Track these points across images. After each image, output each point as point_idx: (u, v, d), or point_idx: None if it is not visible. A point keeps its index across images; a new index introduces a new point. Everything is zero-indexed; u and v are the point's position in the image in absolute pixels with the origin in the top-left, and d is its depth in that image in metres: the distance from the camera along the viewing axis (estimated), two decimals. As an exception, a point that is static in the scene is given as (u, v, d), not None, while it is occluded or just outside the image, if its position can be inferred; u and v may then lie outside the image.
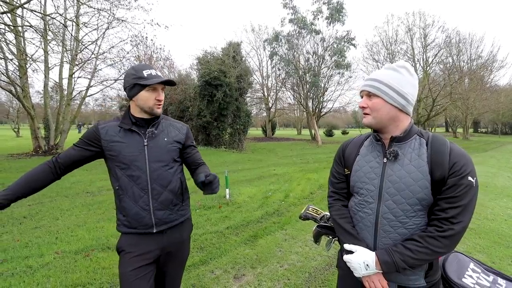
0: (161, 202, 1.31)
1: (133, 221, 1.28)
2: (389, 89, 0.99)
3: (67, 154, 1.29)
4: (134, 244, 1.29)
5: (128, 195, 1.27)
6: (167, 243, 1.35)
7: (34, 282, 2.37)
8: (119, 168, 1.28)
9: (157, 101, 1.29)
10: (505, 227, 3.97)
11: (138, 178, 1.27)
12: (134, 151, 1.28)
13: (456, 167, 0.90)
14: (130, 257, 1.27)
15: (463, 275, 1.09)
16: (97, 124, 1.33)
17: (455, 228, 0.89)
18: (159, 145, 1.33)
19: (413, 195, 0.95)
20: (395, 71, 1.02)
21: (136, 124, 1.31)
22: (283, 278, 2.54)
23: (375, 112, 1.02)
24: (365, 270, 1.00)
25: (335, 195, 1.22)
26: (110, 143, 1.28)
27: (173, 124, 1.44)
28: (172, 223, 1.36)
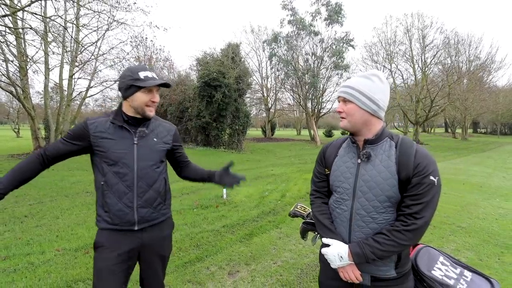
0: (145, 200, 1.34)
1: (115, 218, 1.29)
2: (361, 96, 1.09)
3: (55, 147, 1.32)
4: (113, 241, 1.30)
5: (113, 191, 1.29)
6: (147, 241, 1.37)
7: (36, 277, 2.46)
8: (106, 164, 1.30)
9: (151, 102, 1.32)
10: (495, 226, 4.07)
11: (124, 175, 1.29)
12: (123, 148, 1.31)
13: (419, 167, 1.00)
14: (107, 253, 1.29)
15: (432, 267, 1.18)
16: (86, 119, 1.34)
17: (418, 222, 0.98)
18: (148, 145, 1.36)
19: (382, 192, 1.05)
20: (367, 79, 1.12)
21: (128, 122, 1.34)
22: (276, 274, 2.63)
23: (350, 116, 1.11)
24: (340, 261, 1.09)
25: (316, 193, 1.31)
26: (99, 139, 1.30)
27: (162, 125, 1.47)
28: (154, 221, 1.39)
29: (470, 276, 1.14)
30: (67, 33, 10.60)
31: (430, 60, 24.17)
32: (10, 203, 4.63)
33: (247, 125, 15.80)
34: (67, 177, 6.82)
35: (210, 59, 14.93)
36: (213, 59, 14.84)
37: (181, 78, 17.28)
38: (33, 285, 2.34)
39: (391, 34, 25.96)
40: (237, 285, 2.46)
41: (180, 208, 4.49)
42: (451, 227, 3.93)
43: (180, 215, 4.19)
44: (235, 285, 2.46)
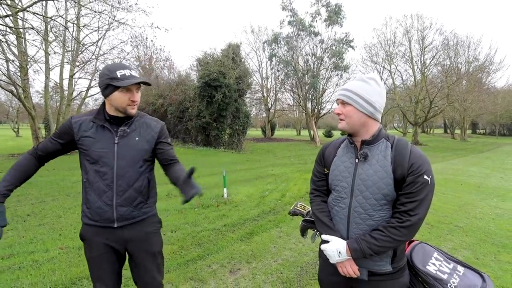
0: (124, 199, 1.35)
1: (95, 214, 1.33)
2: (359, 98, 1.14)
3: (44, 146, 1.38)
4: (95, 235, 1.36)
5: (93, 188, 1.32)
6: (128, 237, 1.39)
7: (41, 275, 2.51)
8: (88, 162, 1.33)
9: (131, 101, 1.31)
10: (492, 225, 4.13)
11: (104, 174, 1.31)
12: (104, 147, 1.32)
13: (413, 167, 1.05)
14: (91, 245, 1.37)
15: (427, 263, 1.23)
16: (71, 118, 1.37)
17: (412, 219, 1.04)
18: (129, 144, 1.36)
19: (379, 191, 1.10)
20: (364, 82, 1.17)
21: (109, 121, 1.35)
22: (276, 272, 2.68)
23: (348, 118, 1.17)
24: (338, 257, 1.14)
25: (316, 192, 1.36)
26: (82, 137, 1.33)
27: (147, 122, 1.44)
28: (134, 219, 1.40)
29: (462, 271, 1.19)
30: (68, 33, 10.65)
31: (429, 61, 24.26)
32: (12, 202, 4.67)
33: (247, 125, 15.86)
34: (68, 177, 6.86)
35: (211, 59, 14.99)
36: (214, 59, 14.90)
37: (181, 78, 17.34)
38: (38, 282, 2.39)
39: (391, 35, 26.03)
40: (239, 282, 2.51)
41: (181, 207, 4.53)
42: (449, 227, 3.99)
43: (181, 214, 4.24)
44: (237, 282, 2.51)
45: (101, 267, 1.39)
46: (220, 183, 6.22)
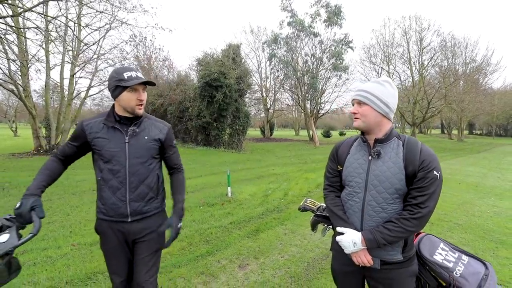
0: (137, 195, 1.44)
1: (110, 210, 1.43)
2: (375, 99, 1.23)
3: (62, 151, 1.49)
4: (110, 229, 1.46)
5: (108, 186, 1.41)
6: (139, 232, 1.48)
7: (56, 270, 2.59)
8: (102, 161, 1.42)
9: (138, 101, 1.40)
10: (490, 223, 4.25)
11: (117, 172, 1.41)
12: (116, 147, 1.41)
13: (424, 163, 1.15)
14: (105, 238, 1.48)
15: (434, 253, 1.33)
16: (82, 121, 1.46)
17: (423, 211, 1.13)
18: (139, 143, 1.45)
19: (391, 185, 1.19)
20: (380, 84, 1.27)
21: (119, 122, 1.44)
22: (284, 267, 2.78)
23: (364, 117, 1.26)
24: (353, 247, 1.24)
25: (330, 187, 1.45)
26: (94, 138, 1.42)
27: (155, 124, 1.55)
28: (146, 214, 1.49)
29: (467, 260, 1.29)
30: (69, 32, 10.68)
31: (427, 62, 24.50)
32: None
33: (247, 125, 15.94)
34: (72, 176, 6.91)
35: (211, 59, 15.05)
36: (214, 59, 14.96)
37: (181, 78, 17.37)
38: (54, 277, 2.47)
39: (389, 36, 26.27)
40: (248, 276, 2.60)
41: (187, 205, 4.60)
42: (449, 224, 4.11)
43: (188, 212, 4.32)
44: (246, 276, 2.60)
45: (115, 258, 1.50)
46: (222, 182, 6.31)
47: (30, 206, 1.23)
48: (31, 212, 1.22)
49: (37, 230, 1.18)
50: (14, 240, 1.13)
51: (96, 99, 27.12)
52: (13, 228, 1.18)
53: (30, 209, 1.22)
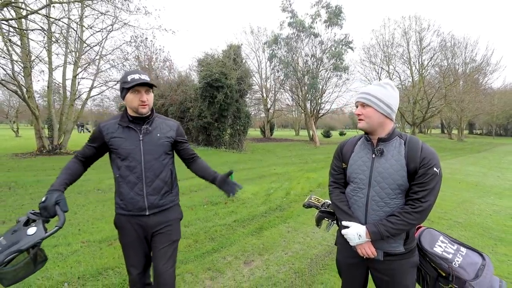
0: (153, 189, 1.55)
1: (129, 205, 1.52)
2: (378, 101, 1.32)
3: (82, 152, 1.58)
4: (128, 224, 1.55)
5: (126, 182, 1.52)
6: (156, 224, 1.57)
7: (67, 266, 2.66)
8: (119, 159, 1.52)
9: (141, 101, 1.48)
10: (489, 221, 4.33)
11: (134, 168, 1.51)
12: (131, 145, 1.52)
13: (425, 160, 1.23)
14: (124, 232, 1.57)
15: (434, 245, 1.42)
16: (100, 124, 1.57)
17: (424, 205, 1.21)
18: (152, 140, 1.56)
19: (394, 182, 1.27)
20: (382, 87, 1.35)
21: (133, 121, 1.54)
22: (288, 263, 2.86)
23: (368, 118, 1.34)
24: (358, 239, 1.32)
25: (335, 184, 1.53)
26: (111, 138, 1.52)
27: (165, 122, 1.66)
28: (162, 207, 1.59)
29: (465, 251, 1.38)
30: (72, 33, 10.77)
31: (427, 62, 24.60)
32: (26, 200, 4.81)
33: (247, 125, 16.02)
34: (76, 176, 6.99)
35: (212, 60, 15.13)
36: (215, 60, 15.04)
37: (182, 79, 17.45)
38: (67, 273, 2.55)
39: (389, 36, 26.36)
40: (254, 272, 2.68)
41: (191, 204, 4.70)
42: (448, 222, 4.19)
43: (192, 210, 4.40)
44: (252, 272, 2.68)
45: (133, 252, 1.58)
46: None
47: (54, 200, 1.31)
48: (55, 206, 1.30)
49: (62, 223, 1.27)
50: (41, 233, 1.21)
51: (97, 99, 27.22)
52: (39, 221, 1.26)
53: (55, 203, 1.31)
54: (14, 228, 1.21)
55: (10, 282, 1.15)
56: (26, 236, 1.18)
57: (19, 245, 1.15)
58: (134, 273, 1.59)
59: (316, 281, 2.55)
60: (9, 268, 1.13)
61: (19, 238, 1.17)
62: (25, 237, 1.17)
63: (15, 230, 1.20)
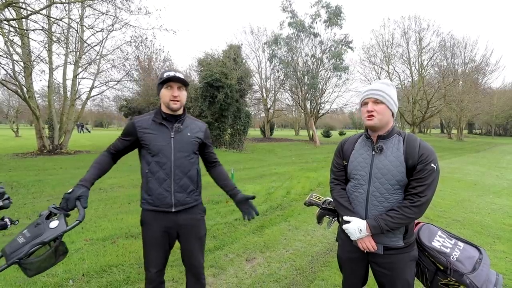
0: (180, 186, 1.59)
1: (156, 200, 1.56)
2: (390, 98, 1.36)
3: (114, 145, 1.63)
4: (154, 219, 1.59)
5: (155, 177, 1.55)
6: (182, 222, 1.62)
7: (72, 263, 2.70)
8: (150, 155, 1.56)
9: (172, 97, 1.54)
10: (488, 219, 4.37)
11: (164, 164, 1.55)
12: (163, 141, 1.56)
13: (423, 156, 1.27)
14: (149, 228, 1.60)
15: (432, 239, 1.46)
16: (134, 119, 1.62)
17: (422, 200, 1.25)
18: (183, 138, 1.61)
19: (393, 177, 1.31)
20: (388, 86, 1.39)
21: (166, 119, 1.59)
22: (289, 261, 2.90)
23: (381, 115, 1.35)
24: (359, 234, 1.36)
25: (336, 181, 1.57)
26: (144, 134, 1.56)
27: (195, 122, 1.72)
28: (188, 205, 1.62)
29: (462, 246, 1.42)
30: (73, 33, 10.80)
31: (426, 62, 24.67)
32: (28, 199, 4.85)
33: (248, 125, 16.07)
34: (77, 175, 6.99)
35: (212, 60, 15.17)
36: (215, 60, 15.09)
37: (182, 79, 17.48)
38: (71, 270, 2.58)
39: (389, 36, 26.42)
40: (255, 269, 2.72)
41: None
42: (447, 220, 4.23)
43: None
44: (254, 269, 2.72)
45: (155, 249, 1.61)
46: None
47: (78, 194, 1.36)
48: (77, 201, 1.36)
49: (82, 217, 1.32)
50: (63, 226, 1.26)
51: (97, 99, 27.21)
52: (61, 215, 1.31)
53: (77, 198, 1.36)
54: (37, 221, 1.25)
55: (33, 272, 1.20)
56: (49, 229, 1.22)
57: (42, 237, 1.19)
58: (152, 271, 1.61)
59: (317, 278, 2.59)
60: (33, 259, 1.18)
61: (42, 231, 1.21)
62: (48, 230, 1.22)
63: (38, 223, 1.24)
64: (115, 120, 64.86)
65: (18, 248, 1.16)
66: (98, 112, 52.91)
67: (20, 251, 1.15)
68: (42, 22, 9.35)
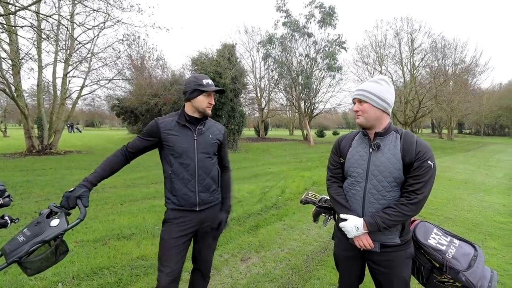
0: (204, 186, 1.62)
1: (181, 200, 1.59)
2: (374, 96, 1.34)
3: (134, 144, 1.61)
4: (178, 217, 1.60)
5: (179, 178, 1.58)
6: (204, 219, 1.66)
7: (61, 265, 2.61)
8: (173, 156, 1.58)
9: (209, 104, 1.63)
10: (479, 216, 4.44)
11: (188, 166, 1.58)
12: (186, 143, 1.59)
13: (420, 154, 1.26)
14: (173, 227, 1.59)
15: (428, 237, 1.45)
16: (157, 119, 1.62)
17: (419, 197, 1.25)
18: (205, 140, 1.65)
19: (390, 175, 1.30)
20: (376, 83, 1.38)
21: (189, 121, 1.63)
22: (285, 260, 2.88)
23: (366, 114, 1.36)
24: (356, 231, 1.34)
25: (333, 178, 1.56)
26: (168, 135, 1.58)
27: (215, 125, 1.76)
28: (210, 204, 1.67)
29: (458, 243, 1.41)
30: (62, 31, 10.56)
31: (418, 63, 25.05)
32: (16, 200, 4.71)
33: (242, 125, 16.01)
34: (67, 176, 6.88)
35: (206, 59, 15.07)
36: (209, 59, 14.98)
37: (175, 78, 17.33)
38: (60, 272, 2.51)
39: (382, 37, 26.67)
40: (250, 269, 2.69)
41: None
42: (439, 218, 4.28)
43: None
44: (249, 269, 2.69)
45: (172, 250, 1.56)
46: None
47: (79, 194, 1.36)
48: (77, 200, 1.34)
49: (83, 216, 1.30)
50: (64, 225, 1.23)
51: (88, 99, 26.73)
52: (61, 214, 1.28)
53: (78, 197, 1.35)
54: (38, 220, 1.23)
55: (33, 271, 1.19)
56: (49, 228, 1.20)
57: (43, 236, 1.17)
58: (165, 270, 1.52)
59: (312, 277, 2.58)
60: (33, 258, 1.16)
61: (42, 230, 1.19)
62: (48, 229, 1.20)
63: (39, 221, 1.22)
64: (107, 120, 63.93)
65: (18, 246, 1.14)
66: (89, 111, 52.03)
67: (20, 250, 1.13)
68: (31, 18, 9.14)
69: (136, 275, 2.51)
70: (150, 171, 7.80)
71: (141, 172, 7.63)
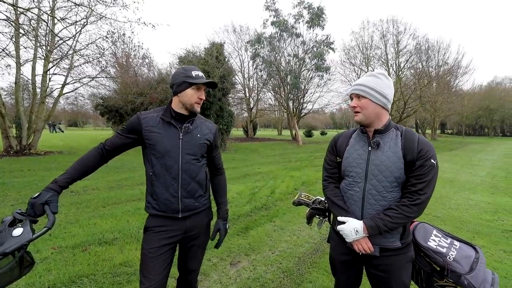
0: (188, 191, 1.45)
1: (162, 205, 1.42)
2: (373, 91, 1.26)
3: (112, 141, 1.43)
4: (160, 225, 1.43)
5: (161, 181, 1.41)
6: (189, 227, 1.48)
7: (36, 275, 2.42)
8: (154, 157, 1.41)
9: (199, 99, 1.45)
10: (466, 215, 4.51)
11: (171, 168, 1.40)
12: (170, 142, 1.41)
13: (422, 152, 1.19)
14: (154, 236, 1.42)
15: (428, 239, 1.39)
16: (139, 114, 1.45)
17: (421, 198, 1.18)
18: (192, 140, 1.46)
19: (391, 174, 1.23)
20: (375, 77, 1.30)
21: (175, 118, 1.45)
22: (276, 263, 2.78)
23: (365, 110, 1.28)
24: (355, 235, 1.26)
25: (329, 178, 1.47)
26: (149, 132, 1.41)
27: (205, 123, 1.58)
28: (196, 210, 1.49)
29: (458, 245, 1.36)
30: (42, 25, 10.08)
31: (403, 65, 25.67)
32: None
33: (231, 125, 15.84)
34: (47, 177, 6.52)
35: (193, 57, 14.81)
36: (197, 58, 14.73)
37: (162, 77, 16.92)
38: (35, 282, 2.31)
39: (368, 38, 27.15)
40: (240, 274, 2.58)
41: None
42: (428, 217, 4.31)
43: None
44: (238, 274, 2.58)
45: (154, 260, 1.39)
46: (209, 181, 6.22)
47: (45, 199, 1.19)
48: (45, 206, 1.18)
49: (51, 223, 1.14)
50: (28, 234, 1.08)
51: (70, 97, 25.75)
52: (26, 222, 1.13)
53: (45, 203, 1.19)
54: None
55: None
56: (12, 238, 1.05)
57: (3, 248, 1.01)
58: (146, 284, 1.36)
59: (305, 280, 2.49)
60: None
61: (3, 240, 1.03)
62: (10, 239, 1.04)
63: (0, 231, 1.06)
64: (91, 120, 62.03)
65: None
66: (72, 111, 50.25)
67: None
68: (8, 12, 8.65)
69: (119, 283, 2.35)
70: (135, 172, 7.53)
71: (126, 173, 7.36)
